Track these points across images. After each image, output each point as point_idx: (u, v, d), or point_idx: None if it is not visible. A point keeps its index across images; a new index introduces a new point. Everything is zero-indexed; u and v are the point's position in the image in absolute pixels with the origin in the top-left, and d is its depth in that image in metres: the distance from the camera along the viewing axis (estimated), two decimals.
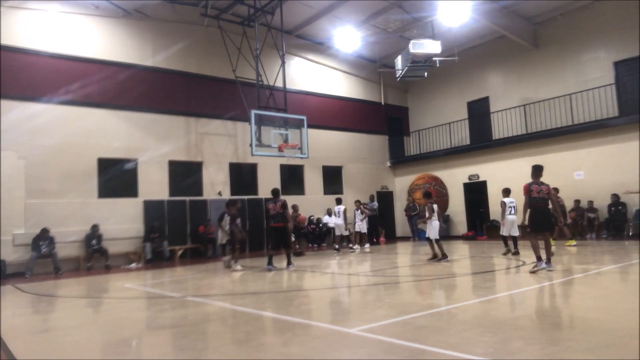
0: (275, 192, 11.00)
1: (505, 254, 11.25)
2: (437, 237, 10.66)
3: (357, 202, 15.69)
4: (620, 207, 14.34)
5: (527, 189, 8.26)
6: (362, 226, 15.19)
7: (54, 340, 5.15)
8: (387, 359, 3.65)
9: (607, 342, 3.77)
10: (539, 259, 8.09)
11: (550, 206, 8.27)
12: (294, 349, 4.14)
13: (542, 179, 8.45)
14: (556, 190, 11.12)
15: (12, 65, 12.99)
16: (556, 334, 4.07)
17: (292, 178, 18.78)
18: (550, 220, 8.37)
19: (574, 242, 12.84)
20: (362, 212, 15.22)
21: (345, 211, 15.12)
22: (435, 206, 10.90)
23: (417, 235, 18.89)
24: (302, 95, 18.90)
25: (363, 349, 4.00)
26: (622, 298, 5.63)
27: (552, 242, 9.47)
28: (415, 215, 18.89)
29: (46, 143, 13.27)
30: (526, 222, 8.33)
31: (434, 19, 16.77)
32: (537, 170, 8.53)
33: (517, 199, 17.60)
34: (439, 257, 10.56)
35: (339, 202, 15.46)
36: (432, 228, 10.66)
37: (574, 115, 16.30)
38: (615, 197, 14.38)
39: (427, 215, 10.85)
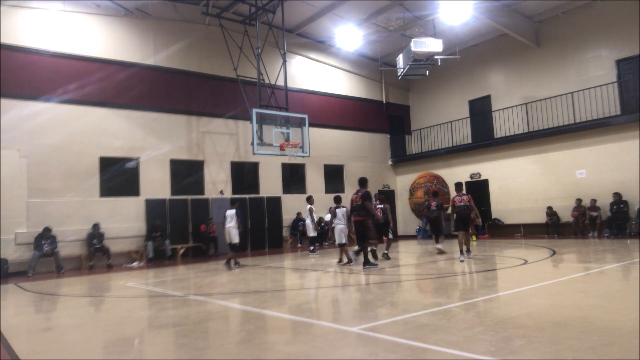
0: (360, 181, 10.15)
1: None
2: (343, 242, 10.65)
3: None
4: (622, 206, 14.31)
5: (453, 201, 10.55)
6: None
7: (56, 339, 5.16)
8: (389, 358, 3.65)
9: (608, 341, 3.77)
10: (462, 252, 10.12)
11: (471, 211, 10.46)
12: (296, 347, 4.14)
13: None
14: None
15: (13, 63, 13.02)
16: (557, 332, 4.06)
17: (294, 177, 18.79)
18: (467, 222, 10.42)
19: (474, 238, 14.34)
20: None
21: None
22: (339, 210, 10.82)
23: (425, 234, 18.83)
24: (303, 93, 18.90)
25: (364, 348, 4.00)
26: (623, 297, 5.62)
27: (473, 239, 11.42)
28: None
29: (47, 142, 13.29)
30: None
31: (435, 17, 16.76)
32: (459, 186, 10.83)
33: (515, 198, 17.69)
34: (348, 261, 10.44)
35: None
36: (338, 232, 10.71)
37: (575, 113, 16.27)
38: (618, 195, 14.35)
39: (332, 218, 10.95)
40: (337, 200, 11.27)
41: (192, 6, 16.29)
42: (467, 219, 10.41)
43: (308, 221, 13.71)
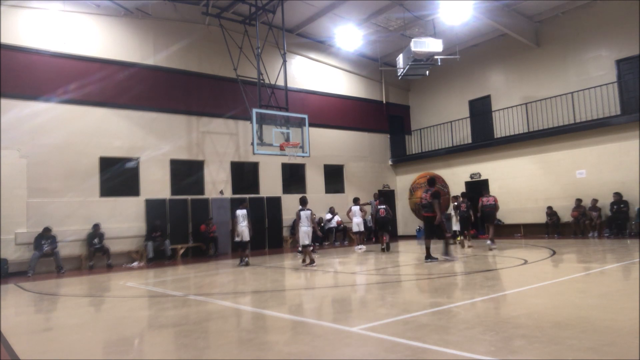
0: (430, 181, 10.80)
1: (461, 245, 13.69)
2: (305, 244, 10.78)
3: (357, 199, 15.53)
4: (622, 206, 14.30)
5: (481, 201, 12.98)
6: (361, 225, 14.99)
7: (56, 339, 5.16)
8: (389, 358, 3.65)
9: (608, 341, 3.77)
10: (492, 241, 12.48)
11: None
12: (296, 347, 4.14)
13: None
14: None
15: (13, 64, 13.02)
16: (558, 332, 4.06)
17: (294, 177, 18.79)
18: (493, 217, 12.93)
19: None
20: (361, 210, 15.13)
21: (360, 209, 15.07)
22: (303, 213, 10.84)
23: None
24: (303, 93, 18.90)
25: (364, 348, 4.00)
26: (623, 296, 5.62)
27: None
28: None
29: (47, 142, 13.29)
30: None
31: (435, 17, 16.76)
32: (486, 189, 13.90)
33: (515, 198, 17.61)
34: (310, 262, 10.71)
35: (355, 201, 15.24)
36: (302, 234, 10.78)
37: (575, 113, 16.27)
38: (618, 195, 14.35)
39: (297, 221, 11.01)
40: (303, 202, 11.17)
41: (192, 6, 16.29)
42: (492, 215, 12.90)
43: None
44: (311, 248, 12.80)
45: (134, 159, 14.85)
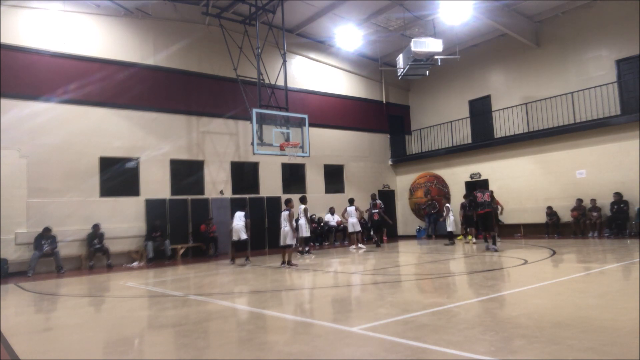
0: (487, 190, 12.66)
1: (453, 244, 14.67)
2: (284, 245, 10.99)
3: (352, 200, 15.87)
4: (622, 206, 14.30)
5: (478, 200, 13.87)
6: (356, 225, 15.19)
7: (56, 339, 5.16)
8: (389, 358, 3.65)
9: (608, 341, 3.77)
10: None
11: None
12: (296, 347, 4.14)
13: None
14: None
15: (13, 64, 13.02)
16: (557, 332, 4.06)
17: (294, 177, 18.79)
18: (498, 218, 14.65)
19: (470, 238, 15.84)
20: (356, 209, 15.46)
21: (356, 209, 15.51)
22: (283, 214, 11.10)
23: (433, 232, 18.78)
24: (303, 93, 18.90)
25: (364, 348, 4.00)
26: (623, 297, 5.62)
27: (469, 238, 15.03)
28: (434, 214, 18.80)
29: (47, 142, 13.29)
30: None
31: (435, 17, 16.76)
32: (492, 193, 13.77)
33: (515, 198, 17.59)
34: (285, 262, 10.90)
35: (351, 202, 15.69)
36: (283, 234, 10.97)
37: (575, 113, 16.27)
38: (618, 195, 14.34)
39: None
40: (286, 203, 11.42)
41: (192, 6, 16.29)
42: (496, 215, 14.33)
43: (302, 221, 13.66)
44: (306, 248, 13.22)
45: (134, 159, 14.85)
